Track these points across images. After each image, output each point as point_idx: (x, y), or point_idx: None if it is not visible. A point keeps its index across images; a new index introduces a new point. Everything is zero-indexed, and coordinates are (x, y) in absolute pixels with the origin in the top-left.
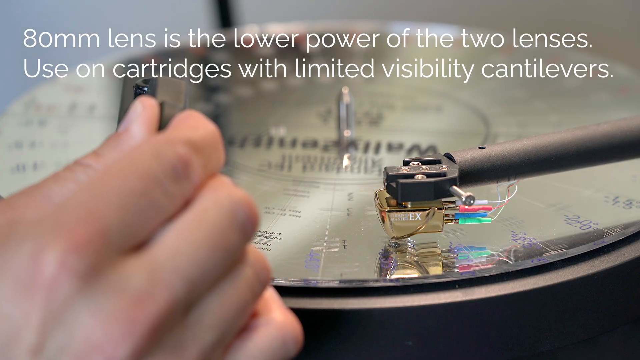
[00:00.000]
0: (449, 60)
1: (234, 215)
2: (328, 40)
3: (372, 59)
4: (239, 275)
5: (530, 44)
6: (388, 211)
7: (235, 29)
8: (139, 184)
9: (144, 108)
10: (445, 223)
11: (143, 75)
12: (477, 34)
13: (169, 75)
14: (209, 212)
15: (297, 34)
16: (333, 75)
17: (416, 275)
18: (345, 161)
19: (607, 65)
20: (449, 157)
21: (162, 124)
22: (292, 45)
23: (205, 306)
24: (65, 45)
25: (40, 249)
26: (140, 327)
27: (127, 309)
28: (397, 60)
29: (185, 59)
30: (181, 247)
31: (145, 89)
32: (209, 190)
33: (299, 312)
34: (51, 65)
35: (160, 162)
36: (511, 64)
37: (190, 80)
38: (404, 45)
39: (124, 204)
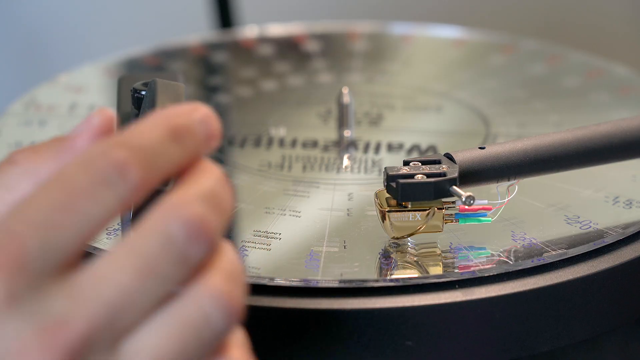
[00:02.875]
0: (449, 60)
1: (170, 241)
2: (328, 40)
3: (372, 59)
4: (179, 309)
5: (530, 44)
6: (388, 211)
7: (235, 29)
8: (64, 197)
9: (100, 120)
10: (445, 223)
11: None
12: (477, 34)
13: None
14: (142, 234)
15: (297, 34)
16: (333, 75)
17: (416, 275)
18: (345, 161)
19: (606, 65)
20: (449, 157)
21: None
22: (292, 46)
23: (139, 338)
24: (65, 45)
25: None
26: (56, 353)
27: (43, 335)
28: (397, 60)
29: (185, 59)
30: (106, 271)
31: (144, 92)
32: (154, 209)
33: (299, 312)
34: (51, 65)
35: (89, 170)
36: (511, 64)
37: (186, 81)
38: (404, 45)
39: (46, 221)
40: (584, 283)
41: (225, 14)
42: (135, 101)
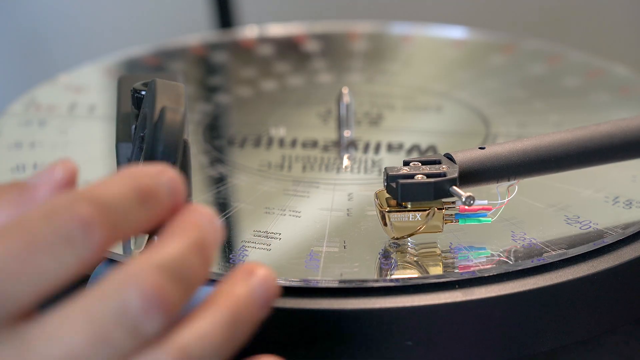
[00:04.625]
0: (449, 60)
1: (124, 311)
2: (328, 40)
3: (372, 59)
4: None
5: (530, 44)
6: (388, 211)
7: (235, 29)
8: (22, 248)
9: (64, 173)
10: (445, 223)
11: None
12: (477, 34)
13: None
14: (98, 297)
15: (297, 34)
16: (333, 75)
17: (416, 276)
18: (345, 161)
19: (606, 65)
20: (448, 157)
21: (166, 129)
22: (292, 46)
23: None
24: (65, 45)
25: None
26: None
27: None
28: (397, 60)
29: (185, 59)
30: (57, 331)
31: (143, 92)
32: (113, 273)
33: (299, 312)
34: (51, 65)
35: (52, 223)
36: (511, 64)
37: (186, 81)
38: (404, 45)
39: (1, 270)
40: (584, 283)
41: (225, 14)
42: (135, 101)
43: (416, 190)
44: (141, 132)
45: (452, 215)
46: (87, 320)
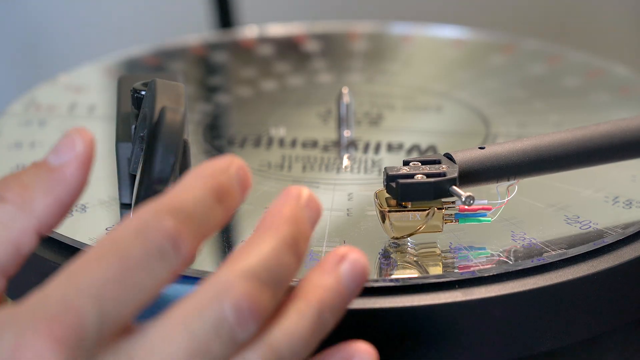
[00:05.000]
0: (449, 60)
1: (221, 324)
2: (328, 40)
3: (372, 59)
4: None
5: (531, 44)
6: (388, 211)
7: (235, 29)
8: (120, 270)
9: (84, 145)
10: (445, 223)
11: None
12: (477, 34)
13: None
14: (194, 312)
15: (297, 34)
16: (333, 75)
17: (416, 275)
18: (345, 161)
19: (606, 65)
20: (448, 157)
21: (166, 129)
22: (292, 46)
23: None
24: (65, 45)
25: (19, 344)
26: None
27: None
28: (397, 60)
29: (185, 59)
30: (158, 346)
31: (143, 92)
32: (207, 284)
33: None
34: (51, 65)
35: (144, 242)
36: (511, 64)
37: (186, 81)
38: (404, 45)
39: (103, 294)
40: (584, 283)
41: (225, 14)
42: (135, 101)
43: (416, 190)
44: (141, 132)
45: (452, 215)
46: (186, 335)
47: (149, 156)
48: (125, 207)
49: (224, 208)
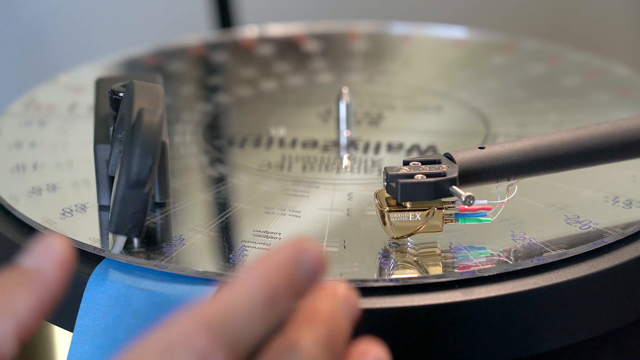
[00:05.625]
0: (449, 60)
1: None
2: (328, 40)
3: (372, 59)
4: None
5: (530, 44)
6: (388, 211)
7: (235, 29)
8: None
9: (61, 247)
10: (445, 223)
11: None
12: (477, 34)
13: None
14: None
15: (297, 34)
16: (333, 75)
17: (416, 275)
18: (345, 161)
19: (606, 65)
20: (448, 157)
21: (144, 131)
22: (292, 46)
23: None
24: (65, 45)
25: None
26: None
27: None
28: (397, 60)
29: (185, 59)
30: None
31: (121, 94)
32: None
33: None
34: (51, 65)
35: (169, 359)
36: (511, 64)
37: (186, 81)
38: (404, 45)
39: None
40: (584, 283)
41: (225, 14)
42: (113, 103)
43: (416, 190)
44: (119, 134)
45: (451, 215)
46: None
47: (127, 158)
48: (103, 208)
49: (274, 316)
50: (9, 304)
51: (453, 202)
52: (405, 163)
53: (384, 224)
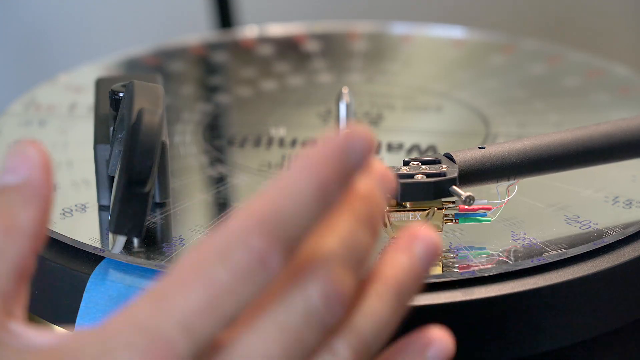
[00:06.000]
0: (449, 60)
1: (311, 314)
2: (328, 40)
3: (372, 59)
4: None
5: (530, 44)
6: (388, 211)
7: (235, 29)
8: (207, 298)
9: (36, 152)
10: (445, 223)
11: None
12: (477, 34)
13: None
14: (284, 305)
15: (297, 34)
16: (333, 75)
17: None
18: None
19: (606, 65)
20: (448, 157)
21: (144, 131)
22: (292, 45)
23: None
24: (65, 45)
25: None
26: None
27: None
28: (397, 60)
29: (185, 59)
30: (254, 350)
31: (121, 94)
32: (294, 271)
33: None
34: (51, 65)
35: (229, 266)
36: (511, 64)
37: (186, 81)
38: (404, 45)
39: (191, 323)
40: (584, 283)
41: (225, 14)
42: (113, 103)
43: (416, 190)
44: (119, 134)
45: (451, 215)
46: (279, 331)
47: (127, 158)
48: (103, 208)
49: (327, 206)
50: (17, 222)
51: (453, 202)
52: (405, 163)
53: (384, 224)
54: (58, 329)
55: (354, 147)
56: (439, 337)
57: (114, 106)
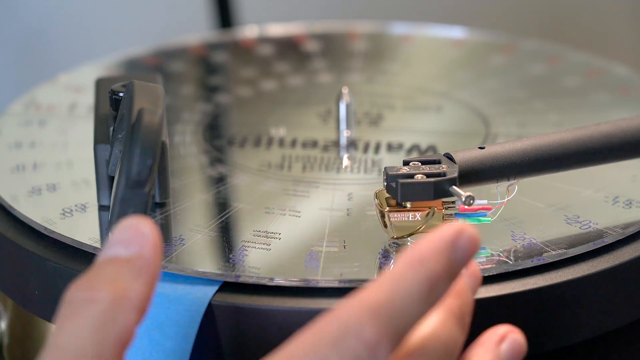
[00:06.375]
0: (449, 60)
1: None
2: (328, 40)
3: (372, 59)
4: None
5: (530, 44)
6: (388, 211)
7: (235, 29)
8: None
9: (149, 228)
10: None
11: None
12: (477, 34)
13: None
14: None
15: (297, 34)
16: (333, 75)
17: None
18: (345, 161)
19: (606, 65)
20: (448, 157)
21: (144, 131)
22: (292, 45)
23: None
24: (65, 45)
25: None
26: None
27: None
28: (397, 60)
29: (185, 59)
30: None
31: (121, 94)
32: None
33: (299, 312)
34: (51, 65)
35: (342, 354)
36: (511, 64)
37: (186, 81)
38: (404, 45)
39: None
40: (584, 283)
41: (225, 14)
42: (113, 103)
43: (416, 190)
44: (119, 134)
45: (451, 215)
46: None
47: (127, 158)
48: (103, 208)
49: (434, 300)
50: (127, 294)
51: (453, 202)
52: (405, 163)
53: (384, 224)
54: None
55: (462, 245)
56: (511, 331)
57: (114, 106)
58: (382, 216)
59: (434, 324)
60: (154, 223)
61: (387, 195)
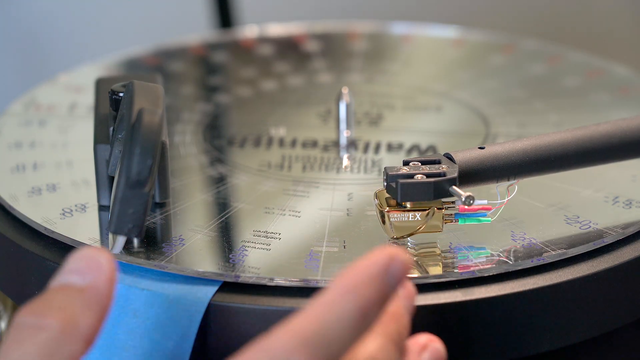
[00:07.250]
0: (449, 60)
1: None
2: (328, 40)
3: (372, 59)
4: None
5: (530, 44)
6: (388, 211)
7: (235, 29)
8: None
9: (106, 261)
10: (445, 223)
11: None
12: (477, 34)
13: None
14: None
15: (297, 34)
16: (333, 75)
17: (416, 275)
18: (345, 161)
19: (606, 65)
20: (448, 157)
21: (144, 131)
22: (292, 46)
23: None
24: (65, 45)
25: None
26: None
27: None
28: (397, 60)
29: (185, 59)
30: None
31: (121, 94)
32: None
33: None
34: (51, 65)
35: None
36: (511, 64)
37: (186, 81)
38: (404, 45)
39: None
40: (584, 283)
41: (225, 14)
42: (113, 103)
43: (416, 190)
44: (119, 134)
45: (451, 215)
46: None
47: (127, 158)
48: (103, 208)
49: (366, 326)
50: (76, 323)
51: (453, 202)
52: (405, 163)
53: (384, 224)
54: None
55: (394, 271)
56: (432, 340)
57: (114, 106)
58: (382, 216)
59: (372, 350)
60: (112, 256)
61: (387, 195)
